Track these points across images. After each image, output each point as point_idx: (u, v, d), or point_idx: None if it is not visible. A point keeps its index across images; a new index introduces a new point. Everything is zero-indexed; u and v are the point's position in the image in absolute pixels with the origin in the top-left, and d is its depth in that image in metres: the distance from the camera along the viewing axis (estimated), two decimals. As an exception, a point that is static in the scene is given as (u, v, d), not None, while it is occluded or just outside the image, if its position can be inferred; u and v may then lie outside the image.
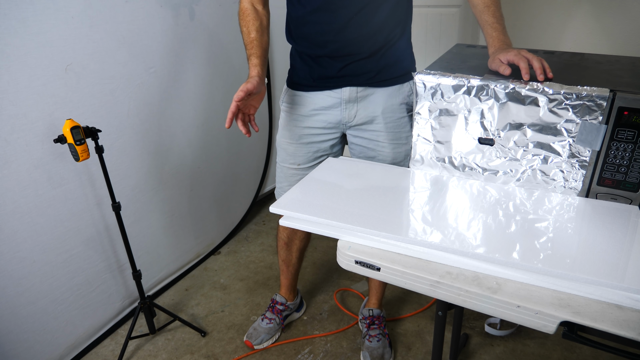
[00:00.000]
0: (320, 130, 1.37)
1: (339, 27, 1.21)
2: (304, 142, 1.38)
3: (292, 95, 1.37)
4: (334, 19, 1.21)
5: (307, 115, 1.36)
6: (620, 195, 0.96)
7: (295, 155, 1.41)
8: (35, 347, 1.53)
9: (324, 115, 1.34)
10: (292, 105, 1.38)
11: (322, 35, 1.24)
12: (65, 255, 1.57)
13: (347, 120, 1.34)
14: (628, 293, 0.73)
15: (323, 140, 1.39)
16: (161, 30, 1.72)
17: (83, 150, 1.34)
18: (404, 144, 1.34)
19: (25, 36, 1.32)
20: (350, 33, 1.22)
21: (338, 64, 1.27)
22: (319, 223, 0.94)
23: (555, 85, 0.92)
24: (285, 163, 1.44)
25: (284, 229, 1.64)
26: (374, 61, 1.26)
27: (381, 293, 1.71)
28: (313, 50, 1.28)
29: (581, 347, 1.63)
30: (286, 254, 1.69)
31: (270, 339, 1.72)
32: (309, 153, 1.40)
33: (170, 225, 1.98)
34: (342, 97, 1.30)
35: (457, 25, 2.51)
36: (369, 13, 1.20)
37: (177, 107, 1.88)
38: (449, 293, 0.80)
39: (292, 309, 1.83)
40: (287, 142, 1.41)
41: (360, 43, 1.23)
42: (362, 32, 1.22)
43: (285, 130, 1.40)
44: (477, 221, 0.92)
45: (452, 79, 1.00)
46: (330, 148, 1.41)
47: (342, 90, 1.30)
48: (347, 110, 1.32)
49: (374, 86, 1.29)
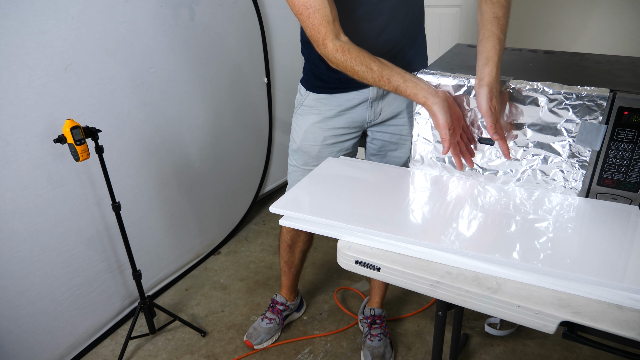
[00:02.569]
0: (345, 130, 1.37)
1: (376, 34, 1.19)
2: (328, 143, 1.38)
3: (315, 98, 1.35)
4: (372, 27, 1.19)
5: (332, 117, 1.35)
6: (620, 195, 0.96)
7: (318, 157, 1.40)
8: (35, 347, 1.53)
9: (349, 115, 1.34)
10: (316, 108, 1.36)
11: (358, 43, 1.16)
12: (65, 255, 1.57)
13: (372, 118, 1.35)
14: (628, 293, 0.73)
15: (347, 140, 1.39)
16: (161, 30, 1.72)
17: (83, 150, 1.34)
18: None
19: (25, 36, 1.32)
20: (385, 36, 1.20)
21: None
22: (319, 223, 0.94)
23: (555, 85, 0.92)
24: (308, 166, 1.42)
25: (288, 231, 1.63)
26: (400, 58, 1.25)
27: (384, 292, 1.71)
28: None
29: (581, 347, 1.63)
30: (289, 256, 1.69)
31: (270, 339, 1.72)
32: (333, 153, 1.40)
33: (170, 225, 1.98)
34: (369, 96, 1.30)
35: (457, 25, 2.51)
36: (402, 17, 1.20)
37: (177, 107, 1.88)
38: (449, 293, 0.80)
39: (292, 309, 1.83)
40: (311, 145, 1.39)
41: (390, 45, 1.23)
42: (391, 36, 1.21)
43: (308, 134, 1.38)
44: (477, 221, 0.92)
45: (452, 79, 1.00)
46: (352, 147, 1.42)
47: (371, 89, 1.29)
48: (372, 109, 1.33)
49: None
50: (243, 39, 2.13)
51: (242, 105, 2.23)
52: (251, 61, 2.22)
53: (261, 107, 2.39)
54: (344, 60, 1.05)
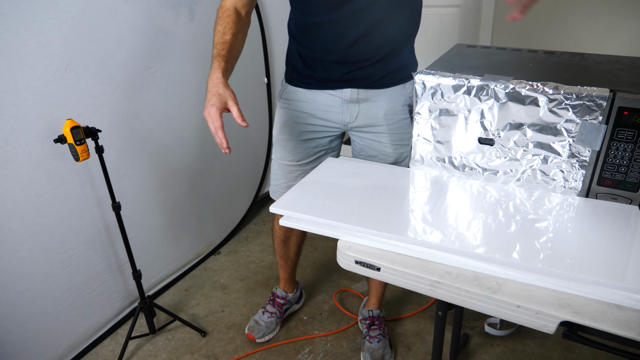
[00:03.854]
0: (322, 127, 1.36)
1: (350, 41, 1.20)
2: (304, 138, 1.37)
3: (293, 91, 1.35)
4: (345, 33, 1.19)
5: (308, 112, 1.35)
6: (620, 195, 0.96)
7: (294, 152, 1.39)
8: (35, 347, 1.53)
9: (325, 113, 1.34)
10: (293, 101, 1.36)
11: (333, 44, 1.22)
12: (65, 255, 1.57)
13: (349, 120, 1.33)
14: (628, 293, 0.73)
15: (323, 137, 1.38)
16: (161, 30, 1.72)
17: (83, 150, 1.34)
18: (406, 144, 1.34)
19: (25, 36, 1.32)
20: (359, 47, 1.21)
21: (343, 70, 1.26)
22: (319, 223, 0.94)
23: (555, 85, 0.92)
24: (284, 160, 1.42)
25: (280, 227, 1.64)
26: (378, 67, 1.25)
27: (381, 293, 1.71)
28: (319, 55, 1.26)
29: (581, 347, 1.63)
30: (284, 251, 1.71)
31: (271, 332, 1.74)
32: (309, 149, 1.39)
33: (170, 225, 1.98)
34: (343, 97, 1.30)
35: (457, 25, 2.51)
36: (383, 28, 1.19)
37: (177, 107, 1.88)
38: (449, 293, 0.80)
39: (292, 301, 1.84)
40: (287, 139, 1.39)
41: (368, 53, 1.23)
42: (372, 45, 1.21)
43: (285, 127, 1.38)
44: (477, 221, 0.92)
45: (452, 79, 1.00)
46: (329, 143, 1.41)
47: (343, 91, 1.29)
48: (348, 111, 1.32)
49: (376, 88, 1.29)
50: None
51: (242, 105, 2.21)
52: (251, 61, 2.22)
53: (261, 107, 2.39)
54: (219, 17, 1.17)
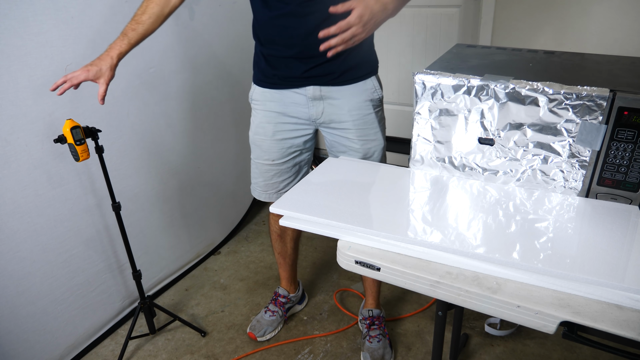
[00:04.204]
0: (293, 126, 1.40)
1: (306, 31, 1.23)
2: (277, 138, 1.41)
3: (261, 92, 1.40)
4: (302, 24, 1.23)
5: (278, 112, 1.39)
6: (620, 195, 0.96)
7: (269, 151, 1.43)
8: (35, 347, 1.53)
9: (294, 110, 1.38)
10: (262, 102, 1.40)
11: (290, 38, 1.26)
12: (65, 255, 1.57)
13: (316, 117, 1.38)
14: (628, 293, 0.73)
15: (296, 137, 1.42)
16: (161, 30, 1.72)
17: (83, 150, 1.34)
18: (373, 140, 1.39)
19: (25, 36, 1.32)
20: (317, 37, 1.21)
21: (303, 66, 1.30)
22: (319, 223, 0.94)
23: (555, 85, 0.92)
24: (260, 159, 1.46)
25: (276, 221, 1.66)
26: (338, 63, 1.29)
27: (377, 292, 1.71)
28: (280, 52, 1.30)
29: (581, 347, 1.63)
30: (281, 246, 1.72)
31: (273, 331, 1.74)
32: (283, 149, 1.43)
33: (170, 225, 1.98)
34: (307, 95, 1.34)
35: (457, 25, 2.51)
36: (337, 19, 1.20)
37: (177, 107, 1.88)
38: (449, 293, 0.80)
39: (295, 301, 1.84)
40: (261, 138, 1.43)
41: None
42: (329, 36, 1.22)
43: (259, 128, 1.43)
44: (477, 221, 0.92)
45: (452, 79, 1.00)
46: (304, 144, 1.45)
47: (307, 89, 1.33)
48: (314, 107, 1.36)
49: (338, 85, 1.33)
50: (243, 39, 2.13)
51: (242, 105, 2.23)
52: (251, 61, 2.22)
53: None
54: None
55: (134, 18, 1.25)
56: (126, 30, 1.24)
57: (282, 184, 1.50)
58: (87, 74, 1.19)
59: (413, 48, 2.67)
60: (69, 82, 1.20)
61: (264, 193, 1.52)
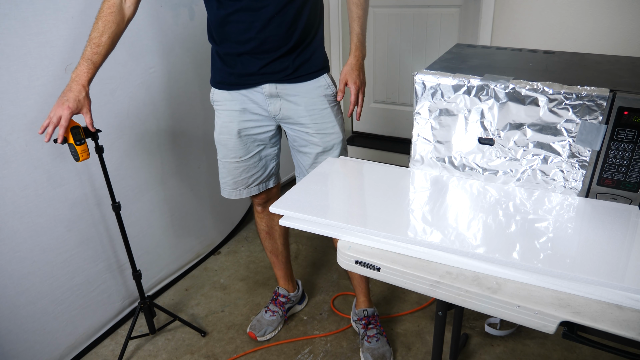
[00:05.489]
0: (256, 122, 1.43)
1: (261, 25, 1.27)
2: (242, 135, 1.44)
3: (219, 93, 1.43)
4: (256, 17, 1.26)
5: (239, 110, 1.42)
6: (620, 195, 0.96)
7: (235, 149, 1.46)
8: (35, 347, 1.53)
9: (253, 107, 1.41)
10: (222, 102, 1.43)
11: (244, 33, 1.29)
12: (65, 255, 1.57)
13: (274, 113, 1.40)
14: (628, 293, 0.73)
15: (260, 132, 1.45)
16: (161, 30, 1.72)
17: (83, 150, 1.34)
18: (331, 133, 1.42)
19: (25, 36, 1.32)
20: (271, 30, 1.28)
21: (258, 62, 1.32)
22: (319, 223, 0.94)
23: (555, 85, 0.92)
24: (227, 158, 1.49)
25: (261, 218, 1.69)
26: (291, 59, 1.33)
27: (367, 289, 1.71)
28: (235, 49, 1.32)
29: (581, 347, 1.63)
30: (271, 244, 1.73)
31: (273, 331, 1.74)
32: (248, 144, 1.47)
33: (170, 225, 1.98)
34: (263, 92, 1.37)
35: (457, 25, 2.51)
36: (289, 12, 1.27)
37: (177, 107, 1.88)
38: (449, 293, 0.80)
39: (295, 301, 1.84)
40: (227, 137, 1.46)
41: (280, 40, 1.29)
42: (281, 30, 1.28)
43: (223, 128, 1.45)
44: (477, 221, 0.92)
45: (452, 79, 1.00)
46: (269, 139, 1.48)
47: (263, 87, 1.36)
48: (272, 105, 1.39)
49: (292, 82, 1.36)
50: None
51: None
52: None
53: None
54: (101, 12, 1.24)
55: (92, 41, 1.22)
56: (89, 55, 1.22)
57: (251, 179, 1.52)
58: (71, 110, 1.19)
59: (413, 48, 2.68)
60: (52, 125, 1.19)
61: (233, 191, 1.54)
